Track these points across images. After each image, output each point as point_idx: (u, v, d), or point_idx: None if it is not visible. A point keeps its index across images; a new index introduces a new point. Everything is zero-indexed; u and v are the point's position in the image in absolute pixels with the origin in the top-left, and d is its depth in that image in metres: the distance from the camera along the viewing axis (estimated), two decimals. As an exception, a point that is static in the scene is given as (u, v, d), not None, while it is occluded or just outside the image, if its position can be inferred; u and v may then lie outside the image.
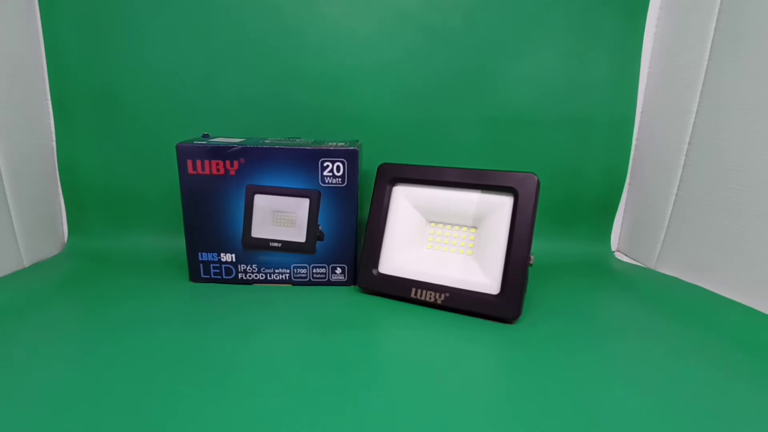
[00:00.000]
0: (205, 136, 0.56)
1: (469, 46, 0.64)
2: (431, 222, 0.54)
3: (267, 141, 0.55)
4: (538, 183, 0.47)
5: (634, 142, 0.67)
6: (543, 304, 0.51)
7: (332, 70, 0.63)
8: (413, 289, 0.50)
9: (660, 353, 0.41)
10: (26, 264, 0.57)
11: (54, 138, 0.62)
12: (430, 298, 0.49)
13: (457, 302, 0.48)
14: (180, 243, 0.64)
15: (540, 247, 0.70)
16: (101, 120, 0.62)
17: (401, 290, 0.51)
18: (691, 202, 0.57)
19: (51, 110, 0.61)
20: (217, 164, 0.52)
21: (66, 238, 0.65)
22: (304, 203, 0.53)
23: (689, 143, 0.57)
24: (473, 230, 0.52)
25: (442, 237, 0.53)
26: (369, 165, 0.62)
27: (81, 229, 0.65)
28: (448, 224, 0.53)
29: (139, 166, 0.64)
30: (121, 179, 0.64)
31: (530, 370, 0.37)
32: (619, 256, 0.69)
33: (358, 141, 0.58)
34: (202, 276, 0.55)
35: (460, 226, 0.53)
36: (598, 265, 0.65)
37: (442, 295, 0.49)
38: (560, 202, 0.69)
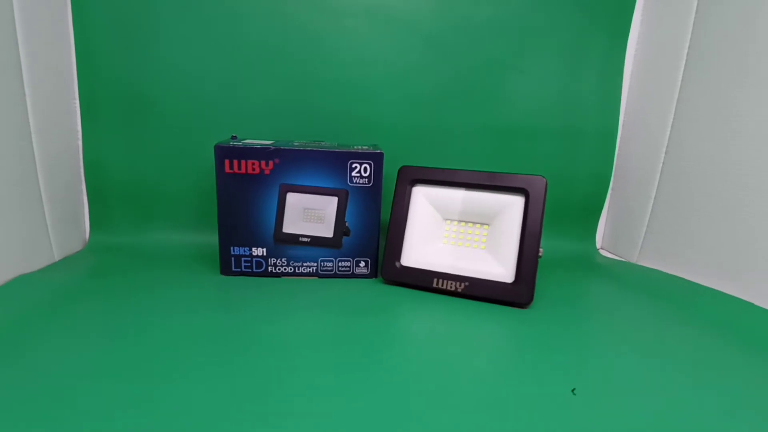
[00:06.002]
0: (234, 137, 0.60)
1: (474, 64, 0.70)
2: (446, 219, 0.60)
3: (296, 143, 0.59)
4: (546, 184, 0.53)
5: (616, 152, 0.75)
6: (547, 293, 0.58)
7: (349, 79, 0.68)
8: (435, 279, 0.55)
9: (653, 327, 0.48)
10: (57, 258, 0.59)
11: (80, 137, 0.64)
12: (451, 287, 0.55)
13: (477, 290, 0.54)
14: (206, 238, 0.67)
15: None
16: (126, 119, 0.65)
17: (424, 280, 0.56)
18: (667, 204, 0.66)
19: (78, 110, 0.63)
20: (253, 164, 0.55)
21: (88, 235, 0.66)
22: (332, 201, 0.57)
23: (666, 153, 0.66)
24: (486, 227, 0.58)
25: (457, 233, 0.59)
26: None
27: (104, 226, 0.67)
28: (462, 221, 0.59)
29: (161, 164, 0.66)
30: (144, 177, 0.66)
31: (548, 345, 0.44)
32: (603, 252, 0.77)
33: (377, 145, 0.63)
34: (233, 269, 0.58)
35: (474, 223, 0.58)
36: (584, 261, 0.73)
37: (462, 284, 0.54)
38: (550, 205, 0.76)
